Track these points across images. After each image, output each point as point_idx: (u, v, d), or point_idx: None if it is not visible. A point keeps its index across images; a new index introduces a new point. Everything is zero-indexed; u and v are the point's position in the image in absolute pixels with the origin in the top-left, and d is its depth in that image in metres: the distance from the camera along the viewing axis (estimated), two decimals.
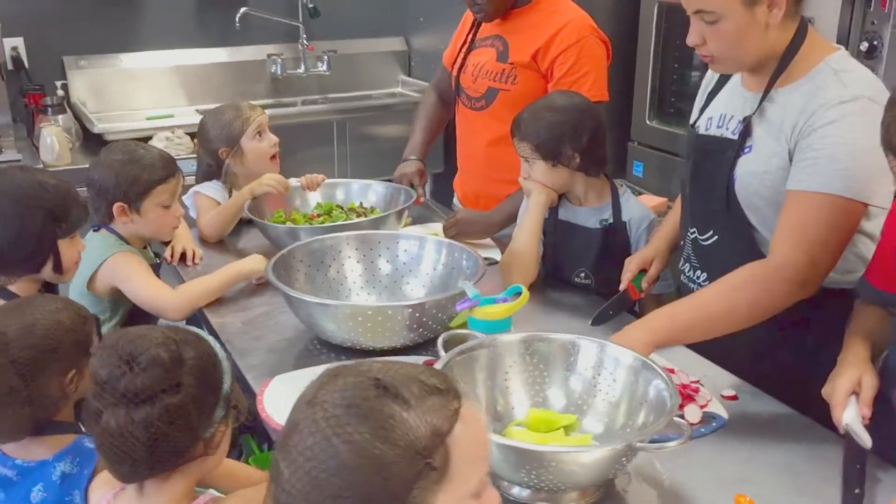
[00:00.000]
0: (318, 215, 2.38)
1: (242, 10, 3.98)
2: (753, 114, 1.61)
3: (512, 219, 2.32)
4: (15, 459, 1.41)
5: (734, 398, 1.60)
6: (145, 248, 2.14)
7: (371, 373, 0.90)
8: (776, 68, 1.58)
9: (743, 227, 1.64)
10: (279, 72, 4.21)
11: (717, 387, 1.63)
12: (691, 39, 1.57)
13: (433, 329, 1.74)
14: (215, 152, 2.48)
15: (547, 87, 2.28)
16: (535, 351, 1.43)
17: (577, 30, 2.24)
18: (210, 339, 1.24)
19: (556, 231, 2.09)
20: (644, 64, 3.45)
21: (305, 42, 4.21)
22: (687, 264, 1.81)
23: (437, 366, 1.35)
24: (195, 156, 3.37)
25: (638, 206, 2.08)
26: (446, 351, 1.44)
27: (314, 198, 2.47)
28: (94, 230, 2.08)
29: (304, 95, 4.36)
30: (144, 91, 4.02)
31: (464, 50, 2.47)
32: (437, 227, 2.38)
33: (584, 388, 1.41)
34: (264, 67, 4.24)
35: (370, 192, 2.46)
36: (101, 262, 1.98)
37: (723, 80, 1.78)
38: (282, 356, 1.79)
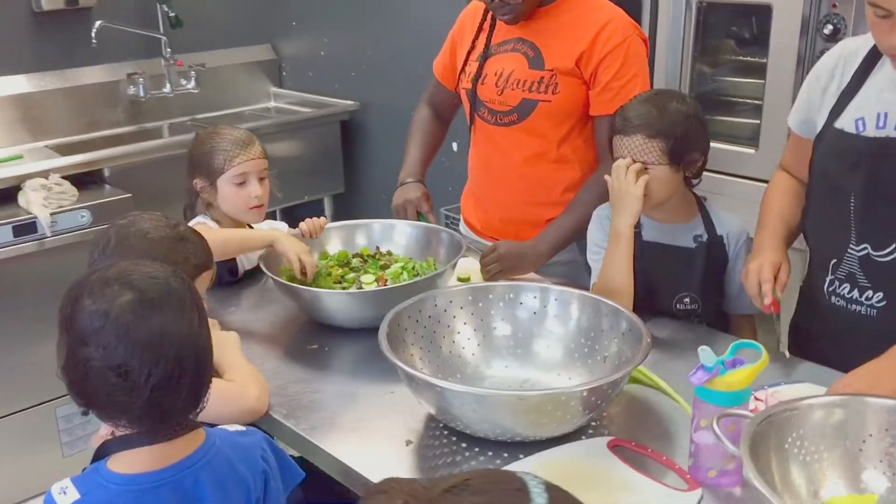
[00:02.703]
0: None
1: (98, 23, 3.32)
2: None
3: (560, 247, 2.03)
4: None
5: None
6: None
7: None
8: None
9: None
10: (141, 93, 3.58)
11: None
12: None
13: (602, 408, 1.42)
14: (191, 181, 2.00)
15: (589, 93, 2.00)
16: (847, 415, 1.16)
17: (620, 29, 1.98)
18: None
19: (644, 255, 1.83)
20: None
21: (171, 56, 3.61)
22: (846, 284, 1.62)
23: (745, 439, 1.06)
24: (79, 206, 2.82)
25: (731, 219, 1.86)
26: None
27: (325, 245, 2.03)
28: None
29: (170, 119, 3.76)
30: None
31: (473, 57, 2.13)
32: (472, 263, 2.03)
33: None
34: (118, 89, 3.59)
35: (396, 233, 2.05)
36: None
37: (860, 77, 1.61)
38: (417, 464, 1.39)
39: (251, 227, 2.08)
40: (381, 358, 1.68)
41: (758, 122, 2.80)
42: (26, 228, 2.67)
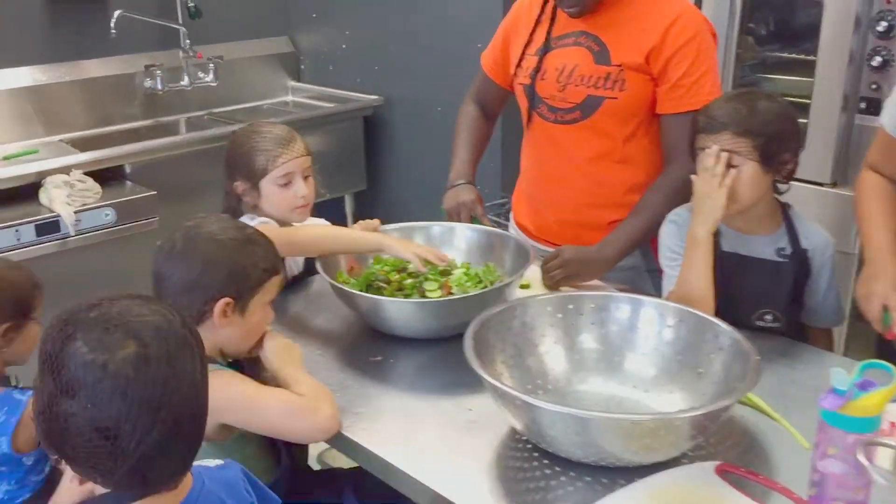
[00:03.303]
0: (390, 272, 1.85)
1: (118, 12, 3.19)
2: None
3: (627, 252, 1.94)
4: None
5: None
6: None
7: None
8: None
9: None
10: (159, 86, 3.46)
11: None
12: None
13: (710, 431, 1.33)
14: (232, 183, 1.87)
15: (656, 91, 1.91)
16: None
17: (692, 23, 1.88)
18: None
19: (722, 266, 1.73)
20: None
21: (191, 48, 3.48)
22: None
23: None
24: (103, 204, 2.70)
25: (816, 231, 1.76)
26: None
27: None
28: None
29: (187, 113, 3.63)
30: None
31: (531, 51, 2.02)
32: (532, 269, 1.92)
33: None
34: (134, 81, 3.46)
35: (455, 236, 1.95)
36: None
37: None
38: (507, 488, 1.29)
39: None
40: (449, 369, 1.62)
41: (805, 121, 2.72)
42: (49, 227, 2.56)
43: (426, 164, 3.55)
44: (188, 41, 3.47)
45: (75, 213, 2.58)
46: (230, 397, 1.37)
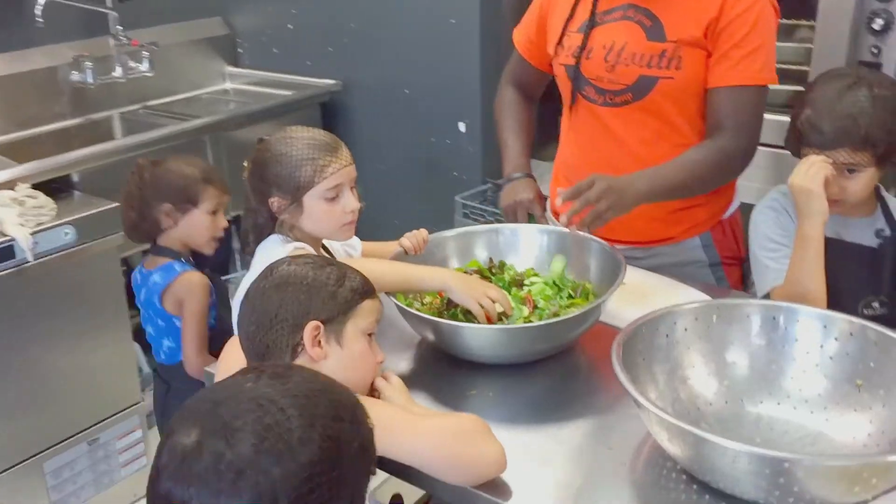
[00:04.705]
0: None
1: None
2: None
3: (655, 197, 1.73)
4: (142, 267, 2.07)
5: None
6: None
7: None
8: None
9: None
10: (90, 79, 3.06)
11: None
12: None
13: None
14: (265, 199, 1.59)
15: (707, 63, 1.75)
16: None
17: None
18: None
19: (827, 253, 1.62)
20: None
21: (124, 35, 3.10)
22: None
23: None
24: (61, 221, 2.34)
25: None
26: None
27: (446, 261, 1.71)
28: None
29: (119, 108, 3.25)
30: None
31: (574, 28, 1.83)
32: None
33: None
34: (58, 75, 3.06)
35: (521, 240, 1.74)
36: None
37: None
38: None
39: (325, 248, 1.73)
40: (556, 399, 1.44)
41: (801, 89, 2.65)
42: (2, 254, 2.19)
43: (393, 154, 3.31)
44: (119, 27, 3.09)
45: (31, 234, 2.22)
46: (388, 418, 1.17)
